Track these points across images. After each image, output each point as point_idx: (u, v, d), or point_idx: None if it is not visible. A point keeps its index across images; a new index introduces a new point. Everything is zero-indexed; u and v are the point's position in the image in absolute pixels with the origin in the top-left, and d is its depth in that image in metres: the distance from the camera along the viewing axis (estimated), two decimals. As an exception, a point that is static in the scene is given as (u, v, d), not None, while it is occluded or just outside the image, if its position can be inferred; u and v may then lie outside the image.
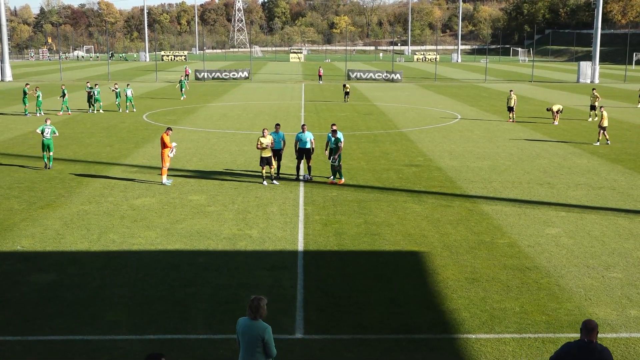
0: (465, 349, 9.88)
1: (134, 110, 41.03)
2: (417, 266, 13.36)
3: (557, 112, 35.79)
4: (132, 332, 10.34)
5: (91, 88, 41.21)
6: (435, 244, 14.75)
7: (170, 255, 13.86)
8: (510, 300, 11.60)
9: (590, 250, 14.42)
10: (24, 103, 38.41)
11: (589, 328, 6.63)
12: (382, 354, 9.74)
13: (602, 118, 28.74)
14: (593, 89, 38.22)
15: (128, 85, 43.15)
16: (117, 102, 41.48)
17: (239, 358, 7.37)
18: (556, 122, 35.64)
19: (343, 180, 20.86)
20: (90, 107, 40.63)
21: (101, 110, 40.45)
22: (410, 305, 11.38)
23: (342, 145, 20.63)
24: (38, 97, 38.31)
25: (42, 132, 22.55)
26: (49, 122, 23.16)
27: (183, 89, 49.73)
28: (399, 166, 23.70)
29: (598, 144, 28.85)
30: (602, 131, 28.88)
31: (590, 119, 37.34)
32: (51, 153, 22.82)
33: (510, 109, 36.76)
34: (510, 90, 38.17)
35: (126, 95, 41.00)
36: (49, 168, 22.74)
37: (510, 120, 36.76)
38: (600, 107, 30.50)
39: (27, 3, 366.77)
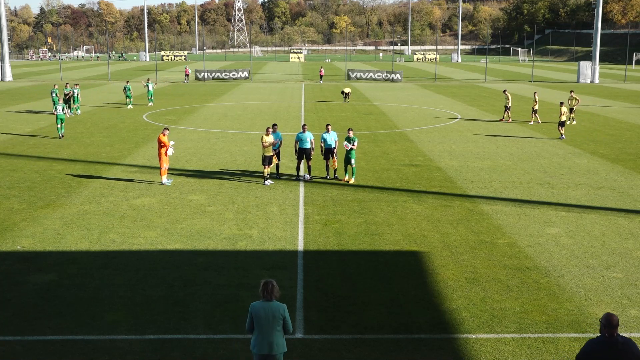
0: (465, 349, 9.88)
1: (150, 104, 44.58)
2: (417, 266, 13.36)
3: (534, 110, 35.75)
4: (131, 332, 10.34)
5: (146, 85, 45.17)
6: (435, 243, 14.75)
7: (170, 255, 13.86)
8: (510, 300, 11.60)
9: (590, 250, 14.42)
10: (75, 102, 39.14)
11: (613, 324, 6.70)
12: (382, 354, 9.74)
13: (561, 113, 30.15)
14: (571, 91, 37.39)
15: (149, 80, 46.14)
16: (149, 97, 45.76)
17: (255, 340, 7.79)
18: (532, 122, 35.58)
19: (347, 178, 20.98)
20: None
21: (131, 106, 43.31)
22: (410, 305, 11.38)
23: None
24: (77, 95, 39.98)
25: (56, 110, 29.26)
26: (61, 101, 30.27)
27: (150, 95, 45.13)
28: (399, 166, 23.70)
29: (563, 137, 30.31)
30: (560, 126, 30.21)
31: (574, 122, 35.96)
32: (63, 124, 29.41)
33: (507, 109, 36.74)
34: (504, 90, 38.19)
35: (148, 90, 45.07)
36: (61, 137, 29.23)
37: (505, 119, 36.73)
38: (561, 102, 31.44)
39: (27, 3, 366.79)
